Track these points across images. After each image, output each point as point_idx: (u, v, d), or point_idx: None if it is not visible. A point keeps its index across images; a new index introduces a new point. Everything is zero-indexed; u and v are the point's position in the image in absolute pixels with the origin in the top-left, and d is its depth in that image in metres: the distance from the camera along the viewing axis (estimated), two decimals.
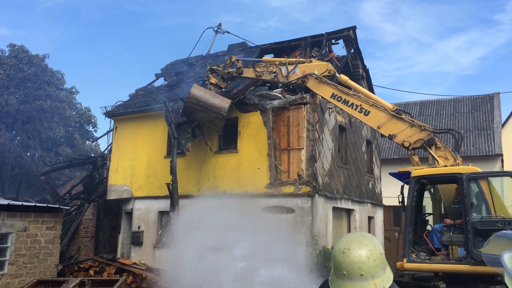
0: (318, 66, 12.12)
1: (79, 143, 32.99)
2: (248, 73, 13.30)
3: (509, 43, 77.25)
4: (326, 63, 12.47)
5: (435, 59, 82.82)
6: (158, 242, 15.29)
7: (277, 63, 12.72)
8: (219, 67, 13.57)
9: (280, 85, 13.94)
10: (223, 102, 13.10)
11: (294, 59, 12.70)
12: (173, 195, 14.05)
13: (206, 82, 13.59)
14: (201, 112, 13.11)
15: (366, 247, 2.25)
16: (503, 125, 24.16)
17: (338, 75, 12.03)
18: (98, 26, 79.10)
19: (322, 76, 11.84)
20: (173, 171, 14.18)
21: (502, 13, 75.76)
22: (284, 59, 13.00)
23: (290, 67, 12.28)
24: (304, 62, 12.29)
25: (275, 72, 12.59)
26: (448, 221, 8.88)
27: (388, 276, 2.29)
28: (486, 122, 23.98)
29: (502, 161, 22.06)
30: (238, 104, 14.36)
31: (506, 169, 21.27)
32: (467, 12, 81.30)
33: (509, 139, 23.58)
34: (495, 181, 9.47)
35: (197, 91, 12.98)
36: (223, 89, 13.61)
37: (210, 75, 13.50)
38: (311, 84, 11.86)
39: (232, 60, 13.47)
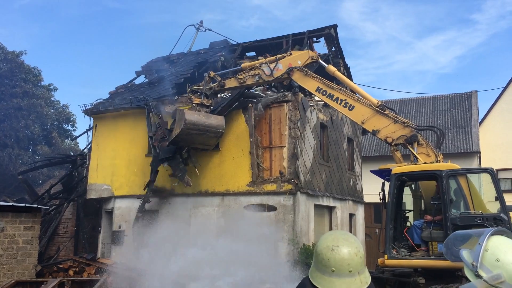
0: (299, 56, 12.12)
1: (57, 142, 32.43)
2: (231, 83, 12.96)
3: (485, 42, 78.77)
4: (307, 50, 12.47)
5: (414, 57, 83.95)
6: (139, 241, 15.14)
7: (257, 65, 12.54)
8: (200, 86, 13.17)
9: (266, 86, 13.84)
10: (218, 120, 12.89)
11: (273, 57, 12.65)
12: (141, 206, 14.12)
13: (193, 105, 13.00)
14: (197, 135, 12.67)
15: (353, 245, 2.30)
16: (480, 123, 24.63)
17: (326, 65, 12.08)
18: (77, 23, 77.86)
19: (307, 64, 11.88)
20: (148, 190, 14.15)
21: (479, 13, 77.18)
22: (264, 59, 12.91)
23: (272, 65, 12.22)
24: (284, 57, 12.23)
25: (258, 74, 12.38)
26: (428, 217, 9.02)
27: (368, 273, 2.35)
28: (464, 120, 24.41)
29: (480, 158, 22.49)
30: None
31: (483, 165, 21.69)
32: (445, 11, 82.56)
33: (486, 137, 24.05)
34: (473, 178, 9.64)
35: (191, 116, 12.43)
36: (211, 106, 13.20)
37: (193, 96, 13.06)
38: (296, 77, 11.82)
39: (211, 75, 13.12)
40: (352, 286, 2.23)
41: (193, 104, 12.91)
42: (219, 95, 14.24)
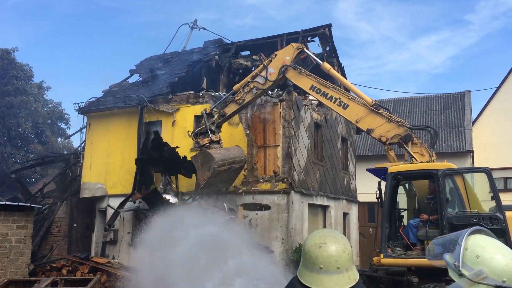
0: (285, 52, 12.00)
1: (51, 140, 32.25)
2: (231, 108, 12.55)
3: (479, 43, 79.23)
4: (290, 44, 12.35)
5: (407, 57, 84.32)
6: (133, 240, 15.10)
7: (249, 79, 12.29)
8: (201, 127, 12.62)
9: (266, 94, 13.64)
10: (238, 149, 12.72)
11: (260, 66, 12.44)
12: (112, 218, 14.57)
13: (206, 145, 12.34)
14: (224, 172, 12.20)
15: (340, 242, 2.32)
16: (473, 123, 24.76)
17: (321, 62, 12.03)
18: (71, 21, 77.52)
19: (295, 57, 11.79)
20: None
21: (472, 13, 77.61)
22: (251, 73, 12.64)
23: (263, 73, 11.99)
24: (271, 60, 12.06)
25: (254, 87, 12.15)
26: (425, 216, 9.05)
27: (356, 270, 2.37)
28: (457, 119, 24.53)
29: (473, 157, 22.61)
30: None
31: (476, 165, 21.81)
32: (438, 12, 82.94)
33: (479, 136, 24.18)
34: (467, 177, 9.67)
35: (216, 154, 11.95)
36: (221, 141, 12.63)
37: (198, 139, 12.49)
38: (290, 75, 11.69)
39: (208, 111, 12.68)
40: (341, 283, 2.25)
41: (206, 145, 12.29)
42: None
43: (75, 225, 17.00)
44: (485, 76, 76.33)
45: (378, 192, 9.47)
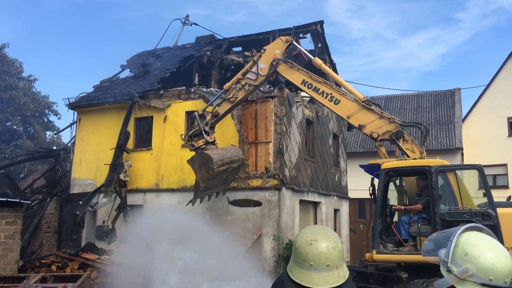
0: (274, 46, 11.84)
1: (40, 135, 31.97)
2: (224, 107, 12.22)
3: (469, 41, 79.79)
4: (278, 38, 12.21)
5: (398, 55, 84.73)
6: (123, 237, 15.03)
7: (240, 77, 12.06)
8: (194, 129, 12.21)
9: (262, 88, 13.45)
10: (234, 149, 12.49)
11: (250, 62, 12.28)
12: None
13: (202, 147, 11.90)
14: (222, 173, 11.88)
15: (331, 239, 2.31)
16: (463, 120, 24.95)
17: (312, 57, 11.96)
18: (61, 15, 76.76)
19: (285, 50, 11.71)
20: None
21: (463, 11, 78.10)
22: (242, 69, 12.48)
23: (254, 68, 11.79)
24: (260, 56, 11.87)
25: (245, 84, 11.90)
26: (398, 206, 9.36)
27: (346, 268, 2.37)
28: (447, 116, 24.70)
29: (462, 154, 22.80)
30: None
31: (465, 162, 22.00)
32: (429, 9, 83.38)
33: (469, 133, 24.38)
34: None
35: (214, 154, 11.59)
36: (216, 142, 12.21)
37: (193, 142, 12.03)
38: (281, 68, 11.52)
39: (200, 113, 12.32)
40: (330, 281, 2.25)
41: (201, 147, 11.92)
42: None
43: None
44: (475, 74, 76.97)
45: (371, 188, 9.48)
